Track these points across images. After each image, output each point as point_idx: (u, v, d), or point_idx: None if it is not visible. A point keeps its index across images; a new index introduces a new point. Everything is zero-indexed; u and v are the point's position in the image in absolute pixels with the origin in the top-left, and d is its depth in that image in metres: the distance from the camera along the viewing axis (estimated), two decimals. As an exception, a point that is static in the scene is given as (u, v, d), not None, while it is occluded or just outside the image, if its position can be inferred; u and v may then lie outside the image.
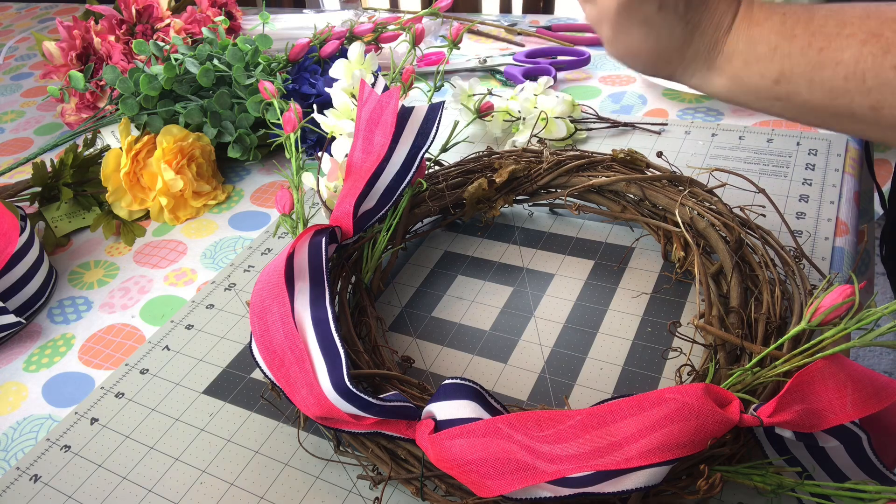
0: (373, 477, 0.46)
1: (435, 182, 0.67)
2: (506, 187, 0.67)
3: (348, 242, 0.56)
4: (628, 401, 0.39)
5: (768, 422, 0.38)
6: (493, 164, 0.68)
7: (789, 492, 0.39)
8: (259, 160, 0.86)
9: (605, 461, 0.38)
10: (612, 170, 0.65)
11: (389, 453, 0.45)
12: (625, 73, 0.95)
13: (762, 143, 0.75)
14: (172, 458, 0.51)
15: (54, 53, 0.95)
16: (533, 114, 0.78)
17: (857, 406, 0.38)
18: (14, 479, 0.51)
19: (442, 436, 0.41)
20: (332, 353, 0.44)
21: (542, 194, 0.68)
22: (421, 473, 0.43)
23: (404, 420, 0.43)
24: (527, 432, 0.39)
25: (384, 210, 0.58)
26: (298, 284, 0.49)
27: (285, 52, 0.85)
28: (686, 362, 0.49)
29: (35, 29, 1.48)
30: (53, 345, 0.64)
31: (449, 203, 0.67)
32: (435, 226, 0.70)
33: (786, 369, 0.40)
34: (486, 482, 0.39)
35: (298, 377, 0.44)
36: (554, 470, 0.38)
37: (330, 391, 0.42)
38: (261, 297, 0.48)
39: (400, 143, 0.59)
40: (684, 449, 0.37)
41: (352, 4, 1.50)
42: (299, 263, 0.50)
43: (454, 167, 0.69)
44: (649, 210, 0.63)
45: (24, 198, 0.78)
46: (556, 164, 0.66)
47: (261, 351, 0.47)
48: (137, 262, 0.73)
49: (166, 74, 0.80)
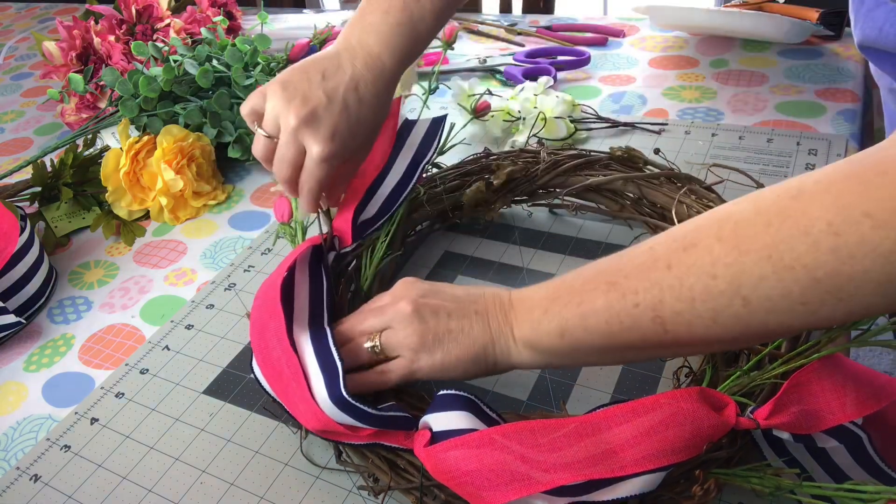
0: (373, 487, 0.46)
1: (433, 185, 0.67)
2: (504, 188, 0.67)
3: (347, 251, 0.56)
4: (623, 407, 0.39)
5: (765, 424, 0.38)
6: (490, 166, 0.67)
7: (788, 493, 0.39)
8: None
9: (600, 469, 0.38)
10: (610, 168, 0.64)
11: (389, 463, 0.45)
12: (625, 73, 0.95)
13: (762, 142, 0.75)
14: (172, 458, 0.51)
15: (54, 53, 0.95)
16: (533, 114, 0.78)
17: (856, 406, 0.37)
18: (14, 479, 0.51)
19: (437, 448, 0.41)
20: (329, 364, 0.44)
21: (540, 195, 0.68)
22: (420, 483, 0.43)
23: (402, 430, 0.44)
24: (521, 442, 0.39)
25: (383, 220, 0.58)
26: (298, 298, 0.49)
27: (285, 53, 0.85)
28: (684, 364, 0.49)
29: (35, 29, 1.48)
30: (53, 345, 0.64)
31: (447, 207, 0.67)
32: (432, 228, 0.70)
33: (783, 370, 0.40)
34: (482, 493, 0.39)
35: (296, 393, 0.44)
36: (549, 479, 0.38)
37: (326, 402, 0.43)
38: (258, 312, 0.48)
39: (401, 155, 0.59)
40: (680, 454, 0.37)
41: (352, 4, 1.50)
42: (299, 277, 0.50)
43: (452, 170, 0.69)
44: (648, 208, 0.63)
45: (24, 198, 0.78)
46: (553, 164, 0.66)
47: (261, 367, 0.47)
48: (137, 262, 0.73)
49: (165, 76, 0.80)
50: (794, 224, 0.33)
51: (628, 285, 0.38)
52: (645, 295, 0.37)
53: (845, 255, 0.31)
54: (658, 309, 0.37)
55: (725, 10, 0.97)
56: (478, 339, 0.45)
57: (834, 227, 0.31)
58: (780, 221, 0.33)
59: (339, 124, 0.52)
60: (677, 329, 0.37)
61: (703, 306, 0.36)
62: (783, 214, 0.33)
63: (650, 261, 0.38)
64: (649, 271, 0.38)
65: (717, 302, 0.35)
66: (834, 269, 0.31)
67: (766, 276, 0.33)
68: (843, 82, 0.84)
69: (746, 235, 0.34)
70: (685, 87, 0.89)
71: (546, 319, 0.42)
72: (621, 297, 0.38)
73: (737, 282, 0.34)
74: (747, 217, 0.35)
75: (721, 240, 0.35)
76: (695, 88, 0.88)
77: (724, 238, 0.35)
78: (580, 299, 0.40)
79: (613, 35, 1.06)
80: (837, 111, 0.78)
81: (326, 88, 0.52)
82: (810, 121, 0.77)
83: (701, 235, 0.36)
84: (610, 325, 0.39)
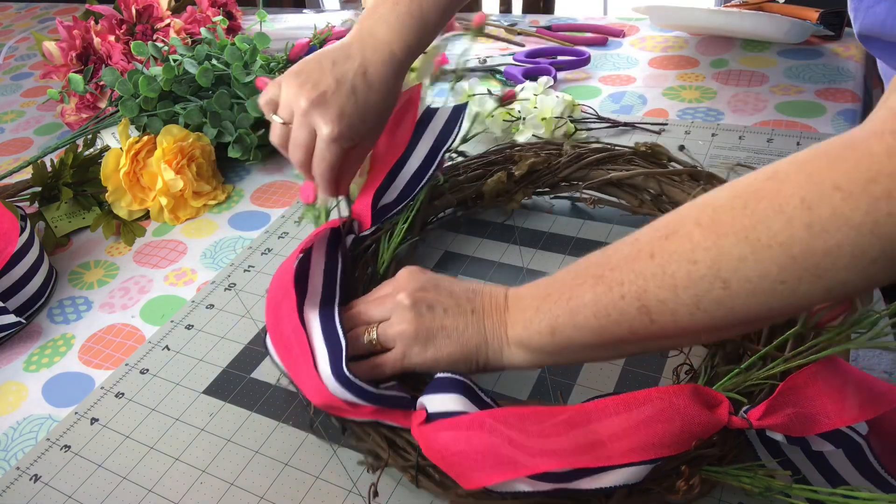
0: (371, 463, 0.47)
1: (455, 174, 0.68)
2: (525, 179, 0.67)
3: (366, 234, 0.58)
4: (615, 399, 0.40)
5: (758, 424, 0.38)
6: (513, 157, 0.68)
7: (777, 495, 0.39)
8: (259, 160, 0.86)
9: (586, 458, 0.38)
10: (633, 163, 0.65)
11: (388, 441, 0.46)
12: (625, 73, 0.95)
13: (762, 142, 0.75)
14: (172, 458, 0.51)
15: (54, 53, 0.95)
16: (533, 114, 0.78)
17: (853, 411, 0.37)
18: (14, 479, 0.51)
19: (429, 428, 0.42)
20: (334, 343, 0.46)
21: (562, 187, 0.68)
22: (416, 462, 0.44)
23: (401, 410, 0.45)
24: (511, 426, 0.40)
25: (402, 205, 0.60)
26: (313, 278, 0.51)
27: (285, 52, 0.85)
28: (685, 361, 0.49)
29: (35, 29, 1.48)
30: (53, 345, 0.64)
31: (468, 195, 0.67)
32: (454, 216, 0.71)
33: (781, 370, 0.40)
34: (468, 474, 0.40)
35: (303, 368, 0.46)
36: (534, 464, 0.39)
37: (329, 379, 0.44)
38: (274, 290, 0.50)
39: (422, 141, 0.61)
40: (668, 449, 0.38)
41: (352, 4, 1.50)
42: (315, 258, 0.52)
43: (475, 159, 0.70)
44: (668, 205, 0.63)
45: (24, 198, 0.78)
46: (576, 157, 0.66)
47: (273, 342, 0.49)
48: (137, 262, 0.73)
49: (165, 76, 0.80)
50: (769, 203, 0.33)
51: (614, 277, 0.39)
52: (630, 286, 0.38)
53: (818, 230, 0.32)
54: (643, 298, 0.37)
55: (725, 10, 0.97)
56: (471, 338, 0.46)
57: (807, 202, 0.32)
58: (755, 202, 0.34)
59: (347, 106, 0.55)
60: (663, 318, 0.37)
61: (685, 293, 0.36)
62: (758, 195, 0.34)
63: (634, 251, 0.39)
64: (633, 262, 0.38)
65: (698, 287, 0.35)
66: (809, 246, 0.32)
67: (745, 257, 0.34)
68: (843, 82, 0.84)
69: (724, 219, 0.35)
70: (685, 87, 0.89)
71: (537, 318, 0.43)
72: (608, 290, 0.39)
73: (716, 265, 0.35)
74: (725, 202, 0.36)
75: (700, 225, 0.36)
76: (695, 88, 0.88)
77: (703, 223, 0.36)
78: (569, 295, 0.41)
79: (613, 35, 1.06)
80: (837, 111, 0.78)
81: (336, 74, 0.55)
82: (810, 121, 0.77)
83: (681, 223, 0.37)
84: (598, 319, 0.40)
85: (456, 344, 0.46)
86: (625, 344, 0.41)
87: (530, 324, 0.43)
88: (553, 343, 0.42)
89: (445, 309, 0.47)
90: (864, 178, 0.31)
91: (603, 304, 0.39)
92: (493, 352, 0.46)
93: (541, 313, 0.42)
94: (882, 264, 0.31)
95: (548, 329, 0.42)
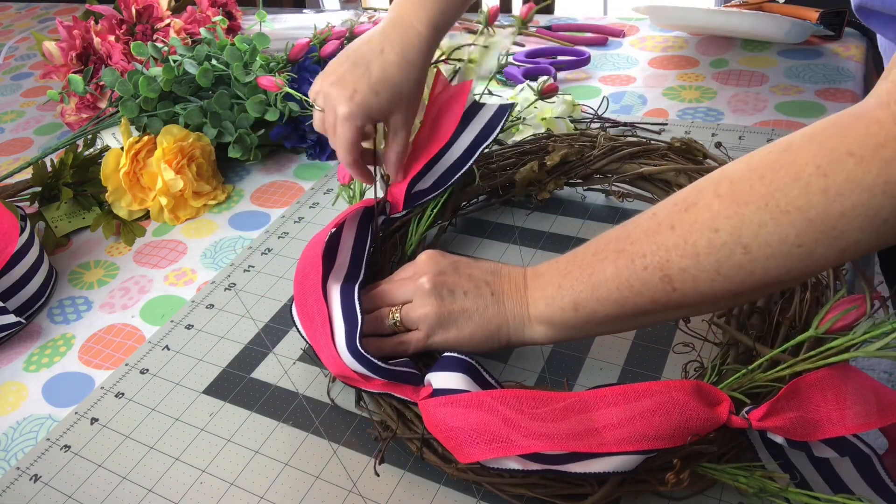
0: (380, 433, 0.48)
1: (489, 162, 0.69)
2: (558, 170, 0.68)
3: (398, 216, 0.60)
4: (615, 390, 0.40)
5: (758, 425, 0.38)
6: (547, 147, 0.69)
7: (772, 497, 0.39)
8: (259, 160, 0.86)
9: (579, 444, 0.39)
10: (666, 158, 0.65)
11: (398, 413, 0.48)
12: (625, 73, 0.95)
13: (762, 142, 0.75)
14: (172, 458, 0.51)
15: (54, 53, 0.95)
16: (533, 114, 0.78)
17: (858, 420, 0.37)
18: (14, 479, 0.51)
19: (431, 402, 0.44)
20: (351, 318, 0.48)
21: (595, 179, 0.69)
22: (421, 434, 0.46)
23: (411, 385, 0.47)
24: (509, 406, 0.41)
25: (436, 193, 0.61)
26: (341, 254, 0.53)
27: (285, 52, 0.85)
28: (695, 359, 0.49)
29: (35, 29, 1.48)
30: (53, 345, 0.64)
31: (500, 183, 0.68)
32: (486, 204, 0.72)
33: (786, 374, 0.40)
34: (464, 449, 0.41)
35: (322, 339, 0.49)
36: (527, 444, 0.40)
37: (344, 352, 0.47)
38: (303, 262, 0.53)
39: (464, 135, 0.63)
40: (662, 441, 0.38)
41: (352, 4, 1.50)
42: (346, 234, 0.55)
43: (510, 148, 0.71)
44: None
45: (24, 198, 0.78)
46: (609, 150, 0.67)
47: (298, 312, 0.52)
48: (137, 262, 0.73)
49: (165, 76, 0.80)
50: (786, 172, 0.35)
51: (635, 250, 0.41)
52: (652, 257, 0.40)
53: (834, 194, 0.34)
54: (665, 268, 0.39)
55: (725, 10, 0.97)
56: (492, 319, 0.48)
57: (822, 168, 0.34)
58: (773, 173, 0.36)
59: (360, 84, 0.57)
60: (685, 286, 0.39)
61: (707, 260, 0.38)
62: (775, 166, 0.36)
63: (654, 225, 0.41)
64: (654, 235, 0.40)
65: (720, 254, 0.37)
66: (825, 209, 0.34)
67: (765, 223, 0.36)
68: (843, 82, 0.84)
69: (743, 189, 0.37)
70: (685, 87, 0.89)
71: (560, 295, 0.45)
72: (630, 263, 0.41)
73: (737, 232, 0.37)
74: (742, 174, 0.38)
75: (719, 196, 0.38)
76: (695, 88, 0.88)
77: (722, 194, 0.38)
78: (591, 270, 0.43)
79: (613, 35, 1.06)
80: (837, 111, 0.78)
81: (354, 57, 0.58)
82: (810, 121, 0.77)
83: (700, 196, 0.39)
84: (621, 291, 0.41)
85: (477, 325, 0.48)
86: (646, 314, 0.42)
87: (553, 301, 0.45)
88: (576, 317, 0.44)
89: (465, 292, 0.49)
90: (875, 143, 0.33)
91: (625, 277, 0.41)
92: (515, 329, 0.48)
93: (563, 290, 0.44)
94: (893, 223, 0.33)
95: (571, 305, 0.44)
